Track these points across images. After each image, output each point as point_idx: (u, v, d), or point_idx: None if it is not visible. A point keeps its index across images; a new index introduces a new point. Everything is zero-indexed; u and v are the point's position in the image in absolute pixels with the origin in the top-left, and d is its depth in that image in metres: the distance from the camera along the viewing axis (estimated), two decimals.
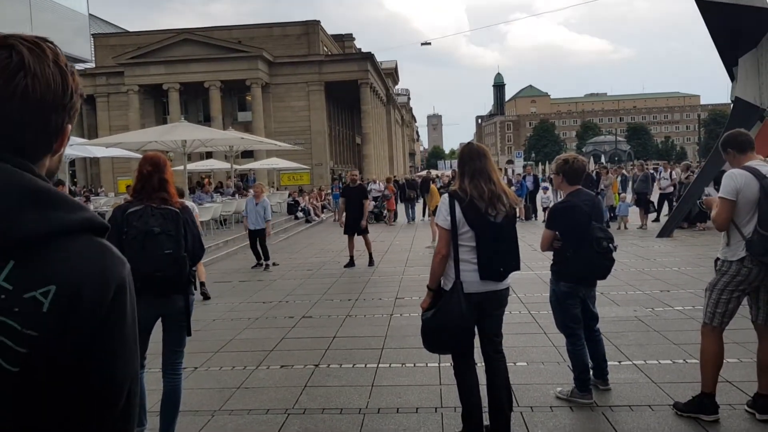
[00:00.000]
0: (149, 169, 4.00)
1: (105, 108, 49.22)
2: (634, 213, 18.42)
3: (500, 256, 3.94)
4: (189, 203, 9.56)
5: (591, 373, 4.88)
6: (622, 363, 5.70)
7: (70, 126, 1.14)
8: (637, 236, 15.90)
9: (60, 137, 1.12)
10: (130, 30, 60.76)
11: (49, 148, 1.11)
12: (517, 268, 4.06)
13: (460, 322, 3.86)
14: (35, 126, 1.07)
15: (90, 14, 27.79)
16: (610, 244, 4.63)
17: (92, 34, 45.59)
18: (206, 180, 29.53)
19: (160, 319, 4.10)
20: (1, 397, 0.96)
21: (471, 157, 4.05)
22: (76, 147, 20.11)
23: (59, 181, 15.60)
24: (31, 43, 1.09)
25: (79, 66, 41.62)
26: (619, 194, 19.66)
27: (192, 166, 29.04)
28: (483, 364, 4.18)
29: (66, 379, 0.99)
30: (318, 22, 50.33)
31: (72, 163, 41.85)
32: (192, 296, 4.18)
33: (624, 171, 23.08)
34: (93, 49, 46.61)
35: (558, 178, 4.80)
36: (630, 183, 21.63)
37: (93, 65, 45.94)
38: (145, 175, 4.01)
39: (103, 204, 20.26)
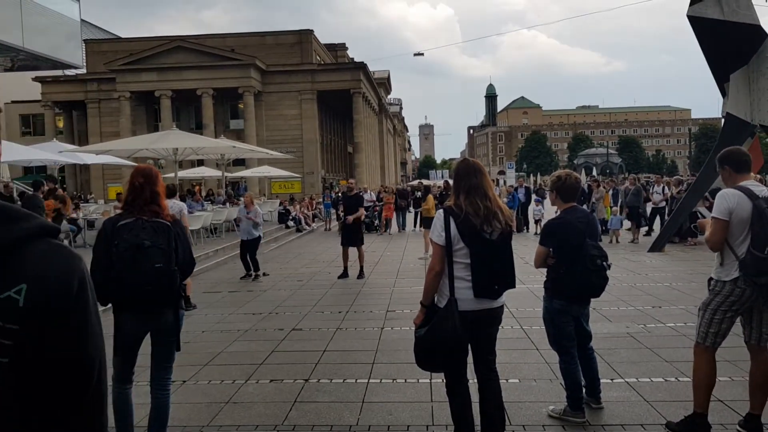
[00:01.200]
0: (141, 181, 3.95)
1: (96, 114, 48.98)
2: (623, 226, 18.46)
3: (495, 273, 3.90)
4: (178, 203, 9.56)
5: (584, 391, 4.85)
6: (614, 380, 5.66)
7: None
8: (629, 250, 15.91)
9: None
10: (123, 36, 60.57)
11: None
12: (512, 285, 4.02)
13: (453, 341, 3.82)
14: None
15: (82, 20, 27.67)
16: (605, 262, 4.61)
17: (84, 40, 45.46)
18: (197, 188, 29.43)
19: (149, 334, 4.04)
20: (2, 383, 1.11)
21: (467, 173, 4.01)
22: (66, 154, 19.98)
23: (54, 179, 15.49)
24: None
25: (70, 72, 41.48)
26: (611, 208, 19.70)
27: (183, 174, 28.93)
28: (476, 381, 4.13)
29: (47, 362, 1.16)
30: (311, 31, 50.38)
31: (62, 169, 41.63)
32: (182, 311, 4.12)
33: (616, 184, 23.07)
34: (85, 55, 46.46)
35: (552, 195, 4.78)
36: (621, 196, 21.64)
37: (84, 71, 45.72)
38: (136, 188, 3.95)
39: (93, 211, 20.07)
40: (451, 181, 4.51)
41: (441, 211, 4.00)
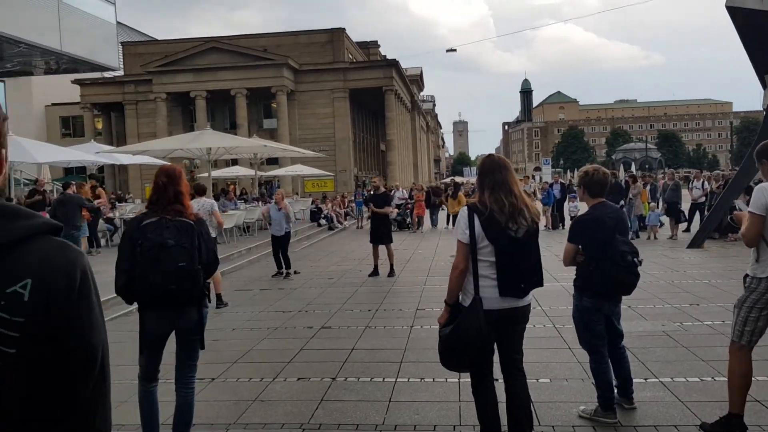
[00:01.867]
0: (164, 180, 3.97)
1: (133, 115, 49.90)
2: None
3: (521, 271, 3.81)
4: (208, 200, 9.64)
5: (615, 391, 4.73)
6: (648, 380, 5.52)
7: (4, 150, 1.31)
8: (667, 247, 15.56)
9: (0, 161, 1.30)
10: (159, 38, 61.55)
11: None
12: (540, 284, 3.93)
13: (478, 340, 3.75)
14: None
15: (119, 23, 28.18)
16: (635, 258, 4.48)
17: (121, 43, 46.33)
18: (231, 187, 29.75)
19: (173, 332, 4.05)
20: (7, 375, 1.18)
21: (492, 169, 3.93)
22: (102, 154, 20.36)
23: (96, 177, 15.81)
24: None
25: (108, 74, 42.31)
26: (648, 203, 19.29)
27: (218, 173, 29.30)
28: (503, 381, 4.06)
29: (53, 350, 1.23)
30: (343, 29, 50.47)
31: (101, 169, 42.53)
32: (206, 309, 4.13)
33: (654, 180, 22.59)
34: (122, 57, 47.36)
35: (580, 191, 4.67)
36: (660, 192, 21.18)
37: (122, 73, 46.61)
38: (160, 187, 3.98)
39: (129, 210, 20.42)
40: None
41: (465, 208, 3.93)
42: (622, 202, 17.32)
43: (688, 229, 18.13)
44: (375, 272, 12.35)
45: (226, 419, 4.99)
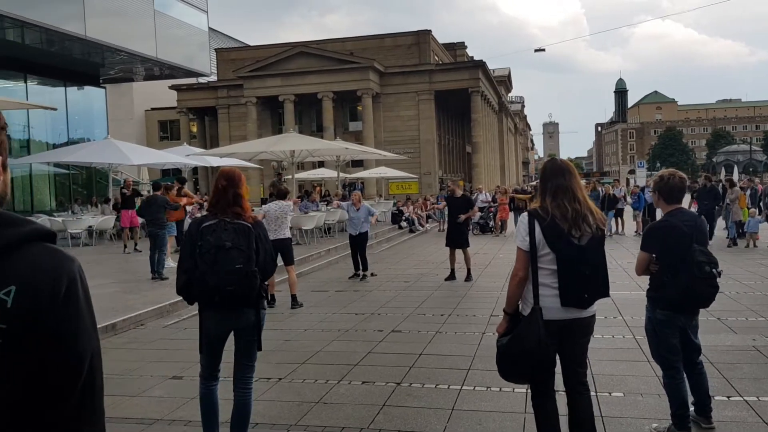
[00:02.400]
0: (224, 183, 4.04)
1: (225, 119, 51.76)
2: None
3: (584, 281, 3.62)
4: (287, 204, 9.82)
5: (692, 409, 4.42)
6: (731, 398, 5.15)
7: (5, 155, 1.31)
8: (767, 256, 14.56)
9: None
10: (251, 44, 63.62)
11: None
12: (606, 294, 3.72)
13: (537, 351, 3.58)
14: None
15: (212, 29, 29.33)
16: (714, 269, 4.17)
17: (215, 49, 48.23)
18: (317, 188, 30.26)
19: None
20: None
21: (554, 173, 3.76)
22: (193, 157, 21.20)
23: (181, 179, 16.52)
24: None
25: (203, 79, 44.13)
26: (747, 209, 18.14)
27: (304, 175, 29.90)
28: (565, 393, 3.88)
29: (37, 358, 1.22)
30: (429, 31, 50.41)
31: (195, 171, 44.36)
32: (263, 311, 4.17)
33: (754, 184, 21.23)
34: (215, 63, 49.30)
35: (654, 197, 4.40)
36: (761, 197, 19.88)
37: (215, 79, 48.48)
38: (220, 190, 4.05)
39: None
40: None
41: (525, 214, 3.78)
42: (717, 208, 16.41)
43: None
44: (452, 276, 12.20)
45: (288, 420, 5.03)
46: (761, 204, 18.57)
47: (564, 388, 3.86)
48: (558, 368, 3.80)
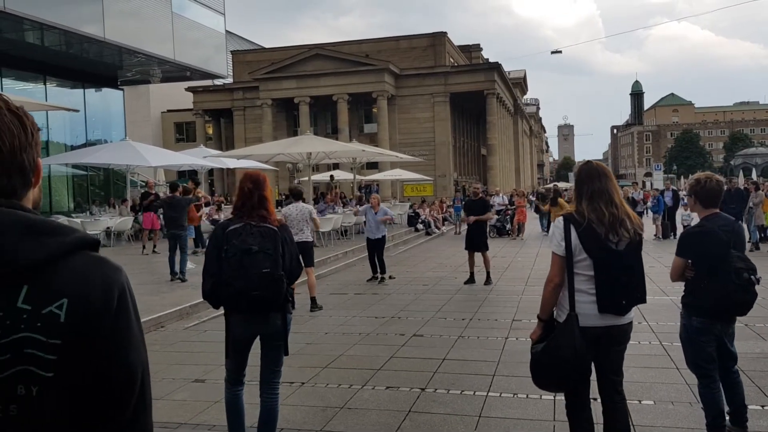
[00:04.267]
0: (250, 186, 3.99)
1: (241, 121, 51.99)
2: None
3: (622, 287, 3.52)
4: (307, 206, 9.77)
5: (727, 418, 4.31)
6: (765, 407, 5.03)
7: (40, 159, 1.28)
8: None
9: (35, 172, 1.26)
10: (266, 46, 63.83)
11: (28, 185, 1.25)
12: (643, 300, 3.63)
13: (573, 359, 3.49)
14: (13, 170, 1.21)
15: (228, 32, 29.42)
16: (753, 276, 4.05)
17: (231, 51, 48.39)
18: (334, 190, 30.23)
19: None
20: (45, 399, 1.14)
21: (590, 176, 3.66)
22: (210, 158, 21.24)
23: (196, 181, 16.55)
24: None
25: (218, 81, 44.33)
26: None
27: (319, 177, 29.91)
28: (600, 402, 3.78)
29: (92, 372, 1.18)
30: (445, 33, 50.34)
31: (210, 172, 44.51)
32: (290, 315, 4.11)
33: None
34: (231, 65, 49.45)
35: (691, 201, 4.28)
36: None
37: (231, 81, 48.64)
38: (245, 193, 3.99)
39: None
40: None
41: (560, 218, 3.69)
42: (741, 212, 16.17)
43: None
44: (471, 280, 12.10)
45: (313, 425, 4.96)
46: None
47: (599, 396, 3.77)
48: (593, 376, 3.71)
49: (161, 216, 12.95)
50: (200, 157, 20.87)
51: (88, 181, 24.93)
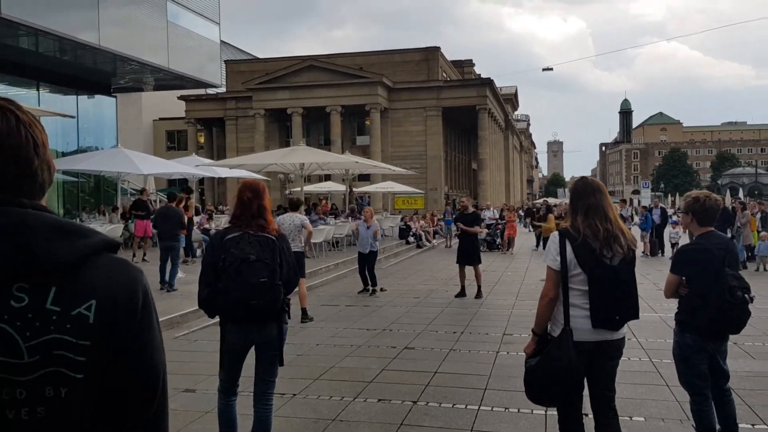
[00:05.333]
0: (249, 195, 3.99)
1: (233, 131, 51.92)
2: None
3: (616, 302, 3.55)
4: (300, 216, 9.78)
5: None
6: (755, 426, 5.06)
7: (53, 164, 1.31)
8: None
9: (49, 178, 1.28)
10: (260, 57, 63.93)
11: (43, 190, 1.28)
12: (636, 316, 3.66)
13: (568, 373, 3.51)
14: (30, 177, 1.23)
15: (223, 41, 29.46)
16: (747, 294, 4.10)
17: (224, 61, 48.43)
18: (324, 202, 30.24)
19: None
20: (73, 401, 1.15)
21: (585, 192, 3.70)
22: (202, 167, 21.21)
23: (188, 189, 16.50)
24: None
25: (211, 90, 44.30)
26: (758, 232, 18.04)
27: (311, 188, 29.90)
28: (592, 417, 3.79)
29: (119, 373, 1.20)
30: (438, 48, 50.63)
31: (201, 181, 44.39)
32: (286, 325, 4.11)
33: (765, 207, 21.17)
34: (225, 75, 49.49)
35: (687, 218, 4.33)
36: None
37: (224, 90, 48.64)
38: (245, 202, 3.99)
39: (223, 223, 21.13)
40: None
41: (556, 233, 3.72)
42: (728, 231, 16.32)
43: None
44: (462, 293, 12.12)
45: None
46: None
47: (592, 411, 3.78)
48: (585, 392, 3.73)
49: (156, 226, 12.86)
50: (192, 166, 20.83)
51: (79, 187, 24.79)
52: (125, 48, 19.47)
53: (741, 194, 51.21)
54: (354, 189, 28.42)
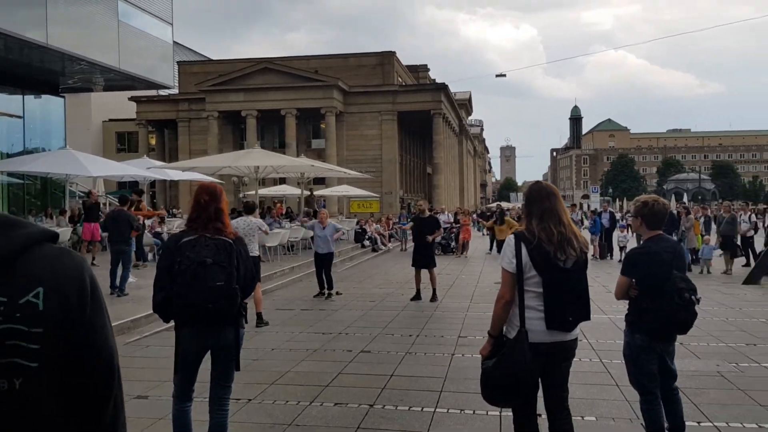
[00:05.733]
0: (206, 198, 3.94)
1: (186, 132, 51.08)
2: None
3: (569, 304, 3.64)
4: (256, 220, 9.69)
5: None
6: (701, 424, 5.22)
7: None
8: (721, 282, 14.98)
9: None
10: (213, 58, 63.13)
11: None
12: (587, 317, 3.75)
13: (524, 374, 3.57)
14: None
15: (175, 42, 28.99)
16: (693, 296, 4.24)
17: (177, 62, 47.66)
18: (278, 205, 30.04)
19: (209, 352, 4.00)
20: (28, 392, 1.14)
21: (540, 196, 3.78)
22: (154, 170, 20.80)
23: (138, 191, 16.15)
24: None
25: (163, 92, 43.53)
26: (702, 236, 18.68)
27: (265, 191, 29.62)
28: (545, 417, 3.87)
29: (76, 358, 1.20)
30: (393, 53, 50.89)
31: (153, 184, 43.52)
32: (242, 329, 4.07)
33: (708, 212, 21.93)
34: (177, 76, 48.68)
35: (636, 222, 4.46)
36: (715, 225, 20.50)
37: (176, 92, 47.81)
38: (201, 205, 3.94)
39: (177, 226, 20.76)
40: None
41: (512, 236, 3.78)
42: (673, 235, 16.83)
43: (747, 264, 17.47)
44: (417, 296, 12.18)
45: None
46: (715, 231, 19.11)
47: (545, 411, 3.86)
48: (539, 392, 3.79)
49: (106, 230, 12.55)
50: (143, 168, 20.41)
51: (24, 189, 24.03)
52: (74, 47, 18.98)
53: (685, 199, 52.91)
54: (314, 192, 28.25)
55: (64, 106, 25.36)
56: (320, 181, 37.08)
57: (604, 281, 13.86)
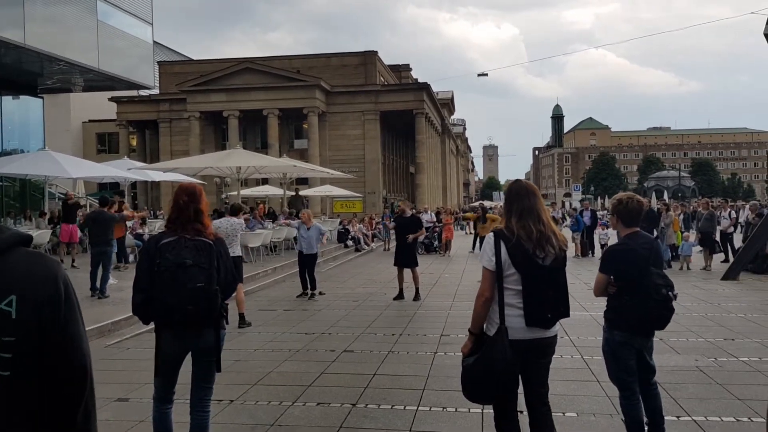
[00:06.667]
0: (185, 199, 3.92)
1: (167, 133, 50.72)
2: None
3: (548, 301, 3.67)
4: (238, 221, 9.64)
5: (646, 429, 4.52)
6: (680, 418, 5.29)
7: None
8: (700, 278, 15.16)
9: None
10: (194, 58, 62.72)
11: None
12: (566, 314, 3.78)
13: (504, 371, 3.60)
14: None
15: (156, 42, 28.78)
16: (670, 292, 4.29)
17: (158, 62, 47.30)
18: (261, 206, 29.90)
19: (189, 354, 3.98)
20: (2, 397, 1.11)
21: (519, 195, 3.81)
22: (135, 171, 20.63)
23: (119, 193, 16.01)
24: None
25: (144, 92, 43.18)
26: (681, 233, 18.88)
27: (247, 192, 29.50)
28: (527, 415, 3.90)
29: (50, 365, 1.18)
30: (375, 52, 50.88)
31: (134, 185, 43.16)
32: (223, 331, 4.06)
33: (686, 208, 22.19)
34: (158, 76, 48.31)
35: (613, 219, 4.51)
36: (694, 221, 20.76)
37: (157, 92, 47.45)
38: (181, 206, 3.92)
39: (157, 228, 20.62)
40: None
41: (491, 234, 3.81)
42: (653, 231, 17.00)
43: (726, 260, 17.69)
44: (400, 296, 12.20)
45: None
46: (694, 228, 19.34)
47: (526, 408, 3.89)
48: (520, 389, 3.82)
49: (86, 231, 12.43)
50: (124, 169, 20.23)
51: (3, 192, 23.71)
52: (53, 47, 18.75)
53: (666, 196, 53.42)
54: (300, 192, 28.16)
55: (43, 107, 25.06)
56: (303, 182, 37.01)
57: (585, 278, 13.97)
